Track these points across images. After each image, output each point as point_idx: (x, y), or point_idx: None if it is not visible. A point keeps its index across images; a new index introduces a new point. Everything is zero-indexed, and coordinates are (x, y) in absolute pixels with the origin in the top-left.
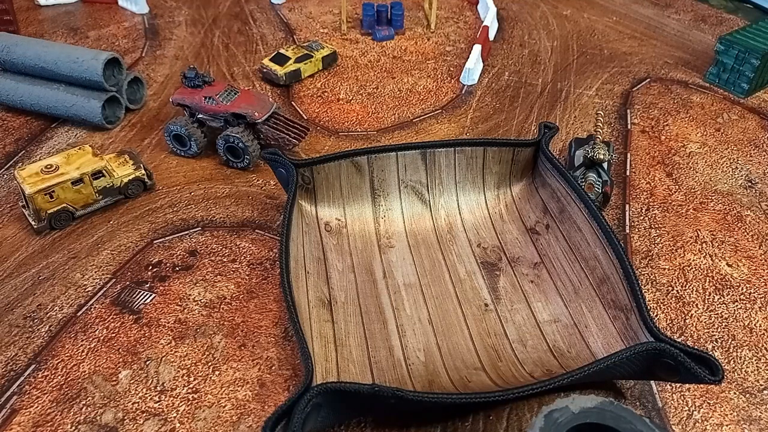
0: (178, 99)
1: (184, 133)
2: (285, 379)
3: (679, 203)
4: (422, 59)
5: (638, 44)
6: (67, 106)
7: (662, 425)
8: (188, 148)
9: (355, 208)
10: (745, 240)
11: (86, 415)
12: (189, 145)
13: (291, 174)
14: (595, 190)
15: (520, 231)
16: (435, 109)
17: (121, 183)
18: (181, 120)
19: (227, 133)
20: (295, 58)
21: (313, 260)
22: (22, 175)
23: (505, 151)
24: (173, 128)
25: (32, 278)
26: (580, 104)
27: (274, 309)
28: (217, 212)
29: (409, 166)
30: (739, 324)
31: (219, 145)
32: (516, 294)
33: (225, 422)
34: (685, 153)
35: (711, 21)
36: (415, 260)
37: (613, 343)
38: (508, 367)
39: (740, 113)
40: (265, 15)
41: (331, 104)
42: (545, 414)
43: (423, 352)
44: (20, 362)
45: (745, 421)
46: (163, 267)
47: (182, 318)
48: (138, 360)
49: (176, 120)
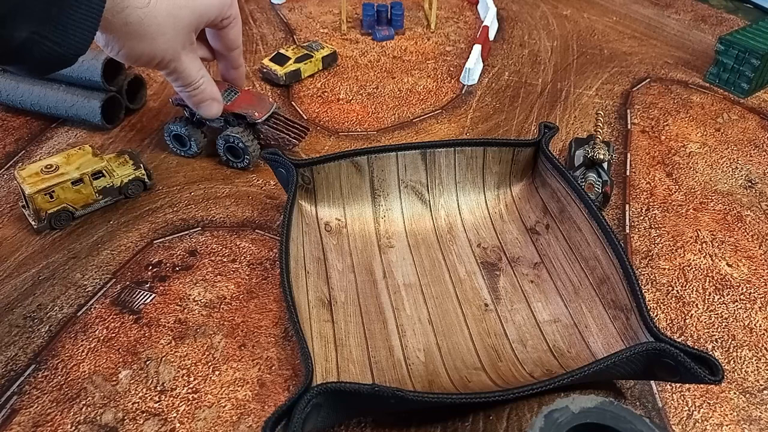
0: (178, 99)
1: (184, 133)
2: (285, 379)
3: (679, 203)
4: (422, 59)
5: (638, 44)
6: (67, 106)
7: (662, 425)
8: (188, 148)
9: (355, 208)
10: (745, 240)
11: (86, 415)
12: (189, 145)
13: (291, 174)
14: (595, 190)
15: (520, 231)
16: (435, 109)
17: (121, 183)
18: (180, 120)
19: (227, 133)
20: (295, 58)
21: (313, 260)
22: (22, 175)
23: (505, 151)
24: (173, 128)
25: (32, 278)
26: (580, 104)
27: (274, 309)
28: (217, 212)
29: (409, 166)
30: (739, 324)
31: (219, 145)
32: (516, 294)
33: (225, 422)
34: (685, 153)
35: (711, 21)
36: (415, 260)
37: (613, 343)
38: (508, 367)
39: (740, 113)
40: (265, 15)
41: (331, 104)
42: (545, 414)
43: (423, 352)
44: (20, 362)
45: (745, 421)
46: (163, 267)
47: (182, 318)
48: (138, 360)
49: (176, 120)
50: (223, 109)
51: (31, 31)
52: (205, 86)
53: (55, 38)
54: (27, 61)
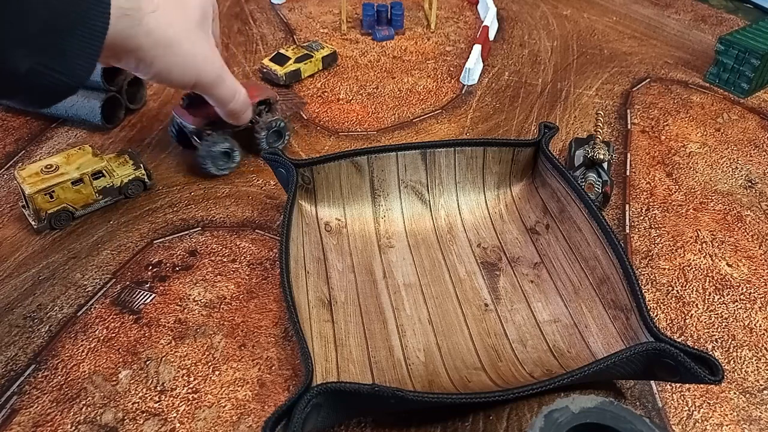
0: (202, 121)
1: (228, 147)
2: (285, 379)
3: (679, 203)
4: (422, 59)
5: (638, 44)
6: (67, 106)
7: (662, 425)
8: (231, 161)
9: (355, 208)
10: (745, 240)
11: (86, 415)
12: (233, 156)
13: (291, 174)
14: (595, 190)
15: (520, 231)
16: (435, 109)
17: (121, 183)
18: (222, 135)
19: (267, 120)
20: (295, 58)
21: (313, 260)
22: (22, 175)
23: (505, 151)
24: (219, 147)
25: (32, 278)
26: (580, 104)
27: (274, 309)
28: (217, 212)
29: (409, 166)
30: (739, 324)
31: (262, 137)
32: (516, 294)
33: (225, 422)
34: (685, 153)
35: (711, 21)
36: (415, 260)
37: (613, 343)
38: (508, 367)
39: (740, 113)
40: (265, 15)
41: (331, 104)
42: (545, 414)
43: (423, 352)
44: (20, 362)
45: (745, 421)
46: (163, 267)
47: (182, 318)
48: (138, 360)
49: (211, 140)
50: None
51: (33, 62)
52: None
53: (59, 67)
54: (31, 93)
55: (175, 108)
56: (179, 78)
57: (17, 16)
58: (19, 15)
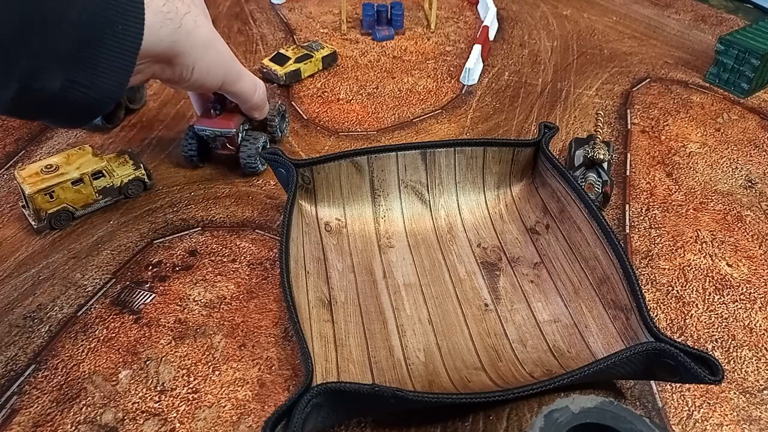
0: (237, 123)
1: (266, 140)
2: (285, 379)
3: (679, 203)
4: (422, 59)
5: (638, 44)
6: None
7: (662, 425)
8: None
9: (355, 208)
10: (745, 240)
11: (86, 415)
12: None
13: (291, 174)
14: (595, 190)
15: (520, 231)
16: (435, 109)
17: (121, 183)
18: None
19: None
20: (295, 58)
21: (313, 260)
22: (22, 175)
23: (505, 151)
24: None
25: (32, 278)
26: (580, 104)
27: (274, 309)
28: (217, 212)
29: (409, 166)
30: (739, 324)
31: (276, 123)
32: (516, 294)
33: (225, 422)
34: (685, 153)
35: (711, 21)
36: (415, 260)
37: (613, 343)
38: (508, 367)
39: (740, 113)
40: (265, 15)
41: (331, 104)
42: (545, 414)
43: (423, 352)
44: (20, 362)
45: (745, 421)
46: (163, 267)
47: (182, 318)
48: (138, 360)
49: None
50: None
51: (64, 80)
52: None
53: (90, 83)
54: (62, 112)
55: (196, 122)
56: (213, 78)
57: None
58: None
